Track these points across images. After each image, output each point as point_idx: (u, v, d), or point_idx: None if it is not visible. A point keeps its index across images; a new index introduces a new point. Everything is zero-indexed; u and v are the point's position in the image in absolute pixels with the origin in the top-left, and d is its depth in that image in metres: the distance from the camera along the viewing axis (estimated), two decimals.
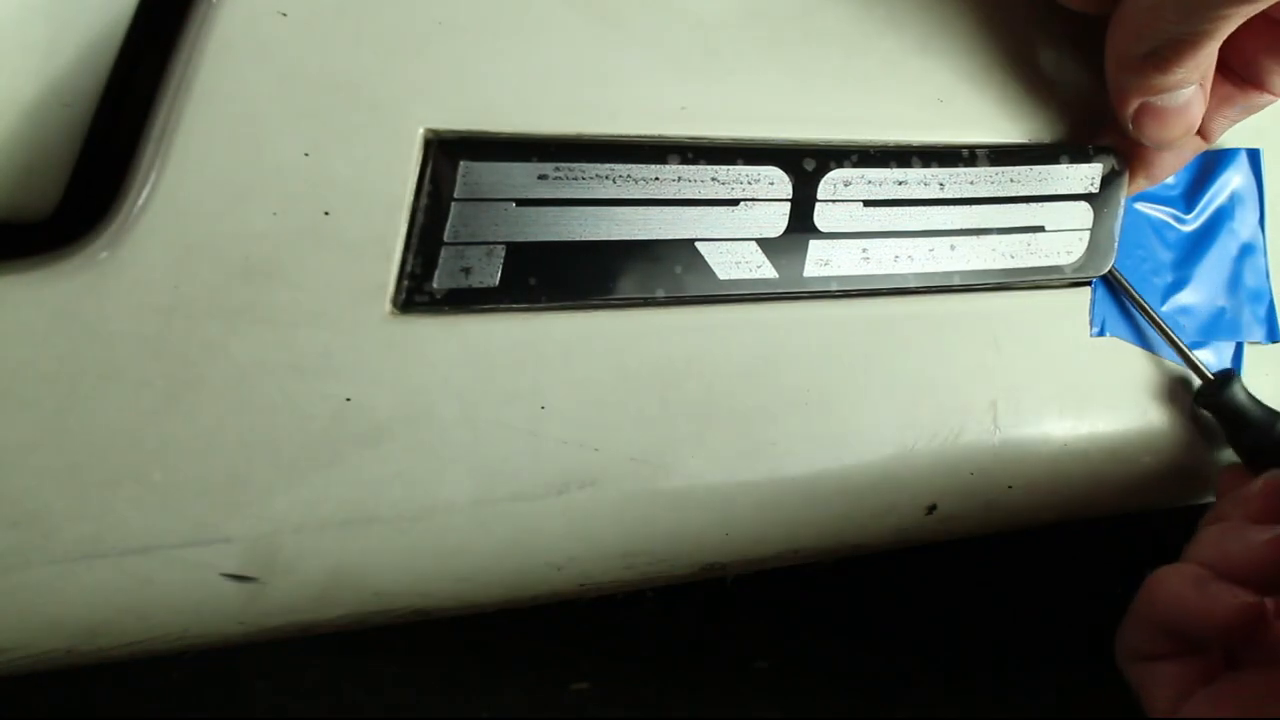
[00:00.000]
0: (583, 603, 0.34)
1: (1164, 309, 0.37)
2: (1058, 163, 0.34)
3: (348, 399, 0.28)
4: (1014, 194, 0.34)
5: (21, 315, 0.25)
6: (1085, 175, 0.34)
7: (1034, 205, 0.34)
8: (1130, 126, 0.33)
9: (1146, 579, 0.31)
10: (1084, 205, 0.34)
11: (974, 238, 0.33)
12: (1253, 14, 0.28)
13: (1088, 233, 0.35)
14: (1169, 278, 0.38)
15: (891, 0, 0.32)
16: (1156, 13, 0.29)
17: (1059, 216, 0.34)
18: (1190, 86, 0.31)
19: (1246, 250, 0.39)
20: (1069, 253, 0.34)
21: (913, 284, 0.33)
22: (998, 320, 0.35)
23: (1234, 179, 0.39)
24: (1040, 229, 0.34)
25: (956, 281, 0.33)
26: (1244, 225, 0.39)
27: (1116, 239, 0.35)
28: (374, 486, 0.28)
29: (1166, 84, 0.31)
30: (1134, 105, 0.32)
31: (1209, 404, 0.37)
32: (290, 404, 0.27)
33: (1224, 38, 0.29)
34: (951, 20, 0.33)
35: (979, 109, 0.34)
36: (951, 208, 0.33)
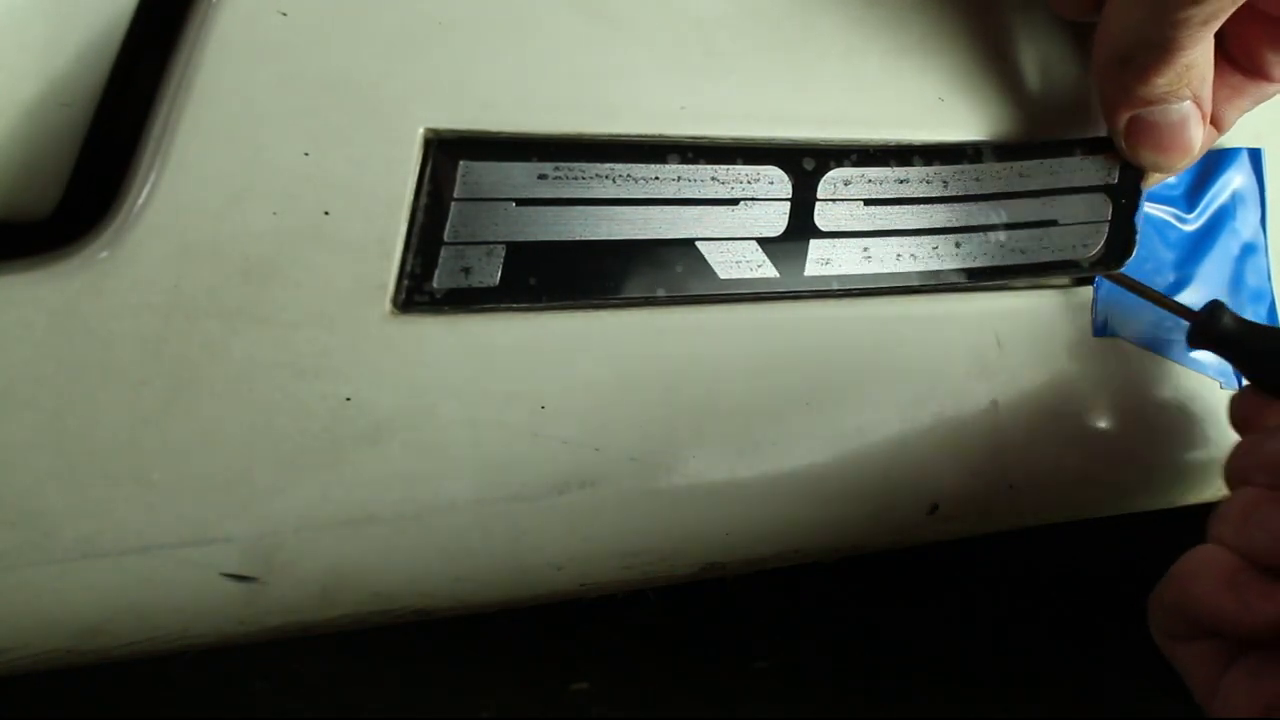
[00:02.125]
0: (583, 603, 0.34)
1: None
2: (1072, 155, 0.34)
3: (348, 399, 0.28)
4: (1023, 189, 0.33)
5: (21, 315, 0.25)
6: (1102, 166, 0.34)
7: (1045, 199, 0.33)
8: (1124, 145, 0.32)
9: (1176, 564, 0.29)
10: (1101, 197, 0.34)
11: (980, 234, 0.33)
12: (1219, 22, 0.28)
13: (1106, 225, 0.34)
14: (1170, 277, 0.38)
15: (891, 0, 0.32)
16: (1125, 19, 0.29)
17: (1073, 210, 0.34)
18: (1181, 102, 0.31)
19: (1248, 250, 0.39)
20: (1085, 246, 0.34)
21: (916, 283, 0.33)
22: (999, 319, 0.35)
23: (1235, 179, 0.39)
24: (1053, 223, 0.34)
25: (963, 280, 0.33)
26: (1245, 225, 0.39)
27: (1138, 230, 0.34)
28: (374, 486, 0.28)
29: (1150, 94, 0.30)
30: (1124, 119, 0.32)
31: (1204, 341, 0.34)
32: (290, 404, 0.27)
33: (1200, 45, 0.29)
34: (952, 19, 0.33)
35: (981, 107, 0.34)
36: (955, 205, 0.33)
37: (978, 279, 0.33)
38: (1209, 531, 0.30)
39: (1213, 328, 0.34)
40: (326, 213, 0.27)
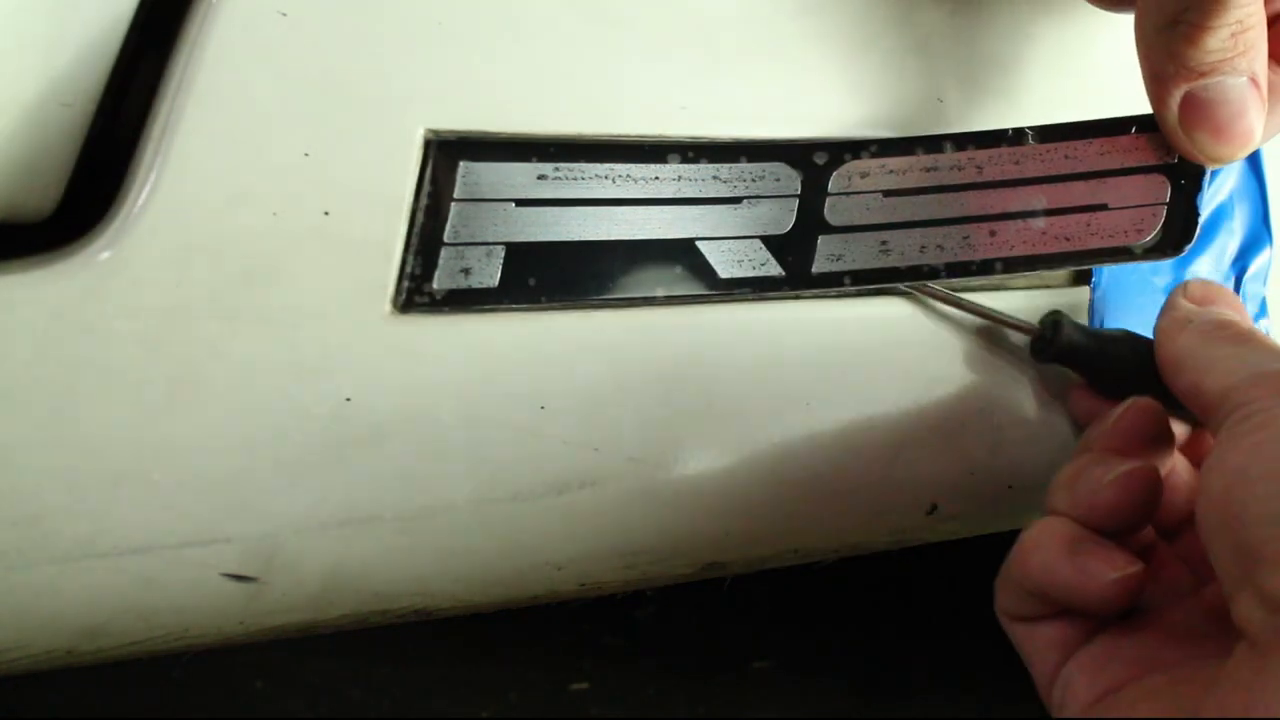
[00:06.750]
0: (583, 603, 0.34)
1: None
2: (1125, 134, 0.32)
3: (348, 399, 0.28)
4: (1068, 172, 0.32)
5: (21, 315, 0.25)
6: (1160, 145, 0.31)
7: (1093, 182, 0.32)
8: (1177, 129, 0.30)
9: (1020, 537, 0.29)
10: (1159, 178, 0.32)
11: (1018, 222, 0.31)
12: None
13: (1164, 207, 0.32)
14: (1167, 277, 0.38)
15: None
16: None
17: (1126, 192, 0.32)
18: (1238, 77, 0.29)
19: (1245, 249, 0.39)
20: (1139, 230, 0.32)
21: (943, 275, 0.32)
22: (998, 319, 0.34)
23: (1232, 178, 0.39)
24: (1102, 207, 0.32)
25: (999, 270, 0.32)
26: (1242, 224, 0.39)
27: (1200, 213, 0.32)
28: (374, 487, 0.28)
29: (1202, 61, 0.28)
30: (1175, 97, 0.29)
31: (1050, 356, 0.32)
32: (290, 404, 0.27)
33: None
34: (955, 17, 0.33)
35: (985, 106, 0.34)
36: (989, 191, 0.31)
37: (1015, 269, 0.32)
38: (1046, 503, 0.29)
39: (1058, 342, 0.32)
40: (326, 213, 0.27)
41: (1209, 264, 0.39)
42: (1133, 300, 0.37)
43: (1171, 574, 0.30)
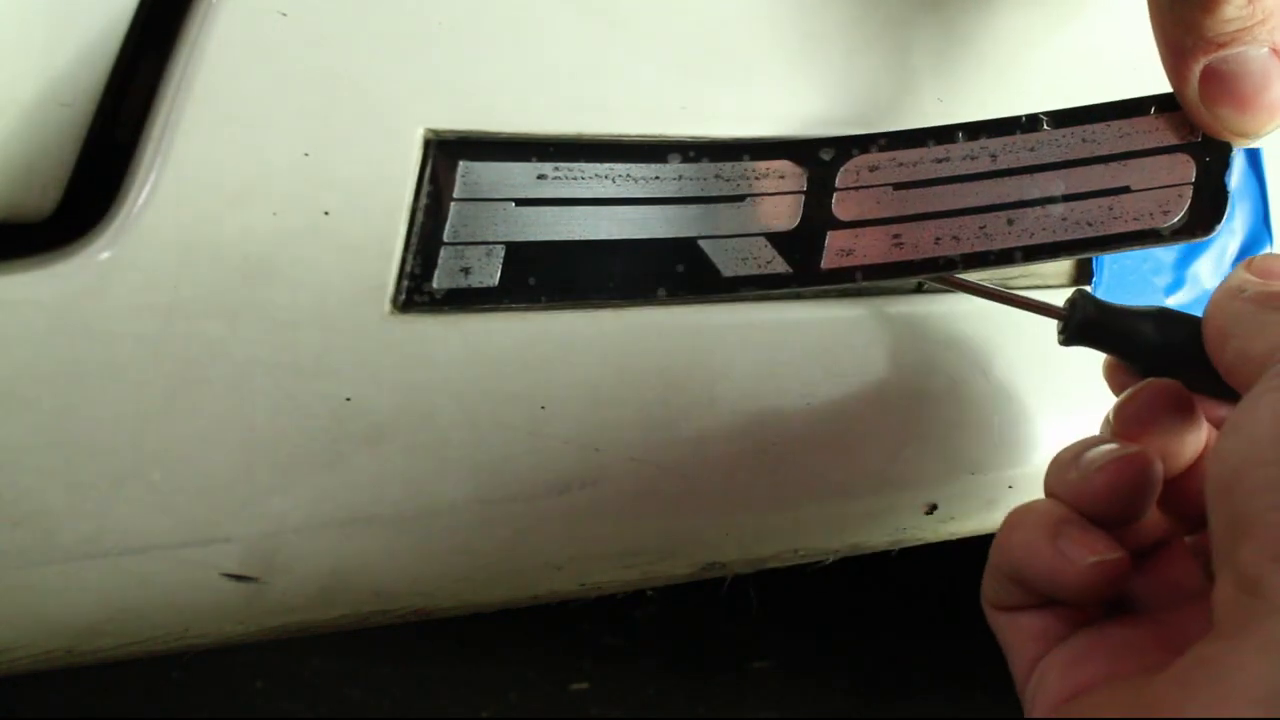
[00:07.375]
0: (583, 603, 0.34)
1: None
2: (1144, 114, 0.31)
3: (348, 399, 0.28)
4: (1087, 155, 0.31)
5: (21, 315, 0.25)
6: (1182, 123, 0.30)
7: (1114, 165, 0.31)
8: (1199, 104, 0.29)
9: (1005, 519, 0.28)
10: (1183, 157, 0.31)
11: (1036, 209, 0.31)
12: None
13: (1190, 187, 0.31)
14: (1168, 277, 0.38)
15: None
16: None
17: (1149, 174, 0.31)
18: (1259, 48, 0.27)
19: (1245, 250, 0.39)
20: (1165, 213, 0.31)
21: (961, 266, 0.31)
22: (1000, 318, 0.35)
23: (1232, 179, 0.39)
24: (1124, 190, 0.31)
25: (1019, 259, 0.31)
26: (1242, 224, 0.39)
27: (1229, 190, 0.31)
28: (374, 486, 0.28)
29: (1220, 30, 0.27)
30: (1195, 72, 0.28)
31: (1070, 337, 0.31)
32: (290, 404, 0.27)
33: None
34: (956, 15, 0.33)
35: (985, 100, 0.34)
36: (1005, 179, 0.31)
37: (1035, 257, 0.31)
38: (1044, 481, 0.28)
39: (1083, 322, 0.30)
40: (326, 213, 0.27)
41: (1209, 264, 0.39)
42: (1133, 300, 0.37)
43: (1180, 573, 0.29)
